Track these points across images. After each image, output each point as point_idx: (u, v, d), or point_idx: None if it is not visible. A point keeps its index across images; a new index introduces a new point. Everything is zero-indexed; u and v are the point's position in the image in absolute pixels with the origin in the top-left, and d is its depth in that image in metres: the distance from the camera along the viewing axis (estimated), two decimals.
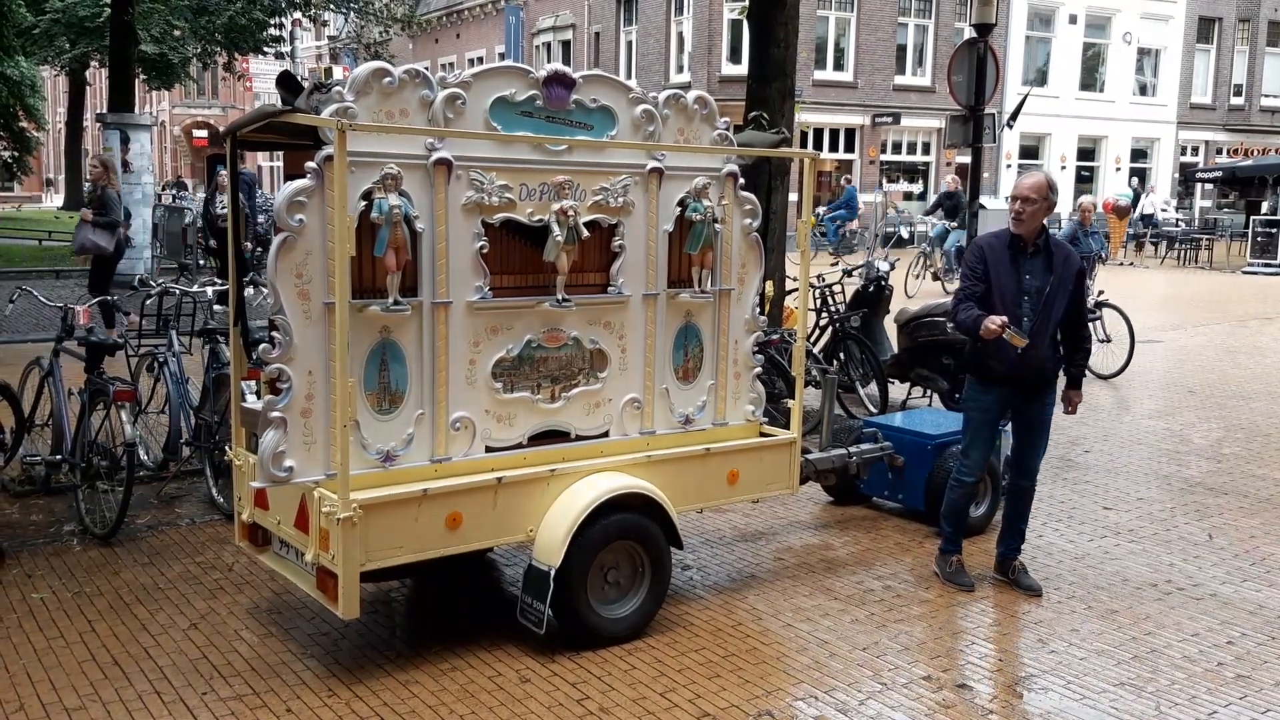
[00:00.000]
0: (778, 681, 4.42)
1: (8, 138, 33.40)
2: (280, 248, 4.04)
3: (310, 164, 4.04)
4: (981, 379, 5.39)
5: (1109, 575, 5.71)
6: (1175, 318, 16.81)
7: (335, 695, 4.20)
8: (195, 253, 18.01)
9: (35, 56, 32.56)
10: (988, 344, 5.19)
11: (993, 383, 5.35)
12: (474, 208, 4.42)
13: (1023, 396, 5.37)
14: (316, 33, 54.86)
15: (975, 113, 10.09)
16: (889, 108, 32.07)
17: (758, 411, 5.53)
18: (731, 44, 29.89)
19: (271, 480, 4.14)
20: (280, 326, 4.09)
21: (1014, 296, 5.20)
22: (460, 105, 4.33)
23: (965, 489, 5.56)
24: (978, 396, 5.43)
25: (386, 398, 4.35)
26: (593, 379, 4.89)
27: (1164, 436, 8.94)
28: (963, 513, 5.63)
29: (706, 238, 5.09)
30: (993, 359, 5.28)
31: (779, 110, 8.80)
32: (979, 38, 10.18)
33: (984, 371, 5.37)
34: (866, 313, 9.63)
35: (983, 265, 5.24)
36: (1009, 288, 5.20)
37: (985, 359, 5.32)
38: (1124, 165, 37.35)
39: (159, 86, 37.72)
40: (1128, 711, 4.23)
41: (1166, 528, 6.53)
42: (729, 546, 6.08)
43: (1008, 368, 5.26)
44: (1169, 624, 5.09)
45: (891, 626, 4.99)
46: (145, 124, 18.55)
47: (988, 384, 5.37)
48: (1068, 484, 7.44)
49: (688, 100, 5.04)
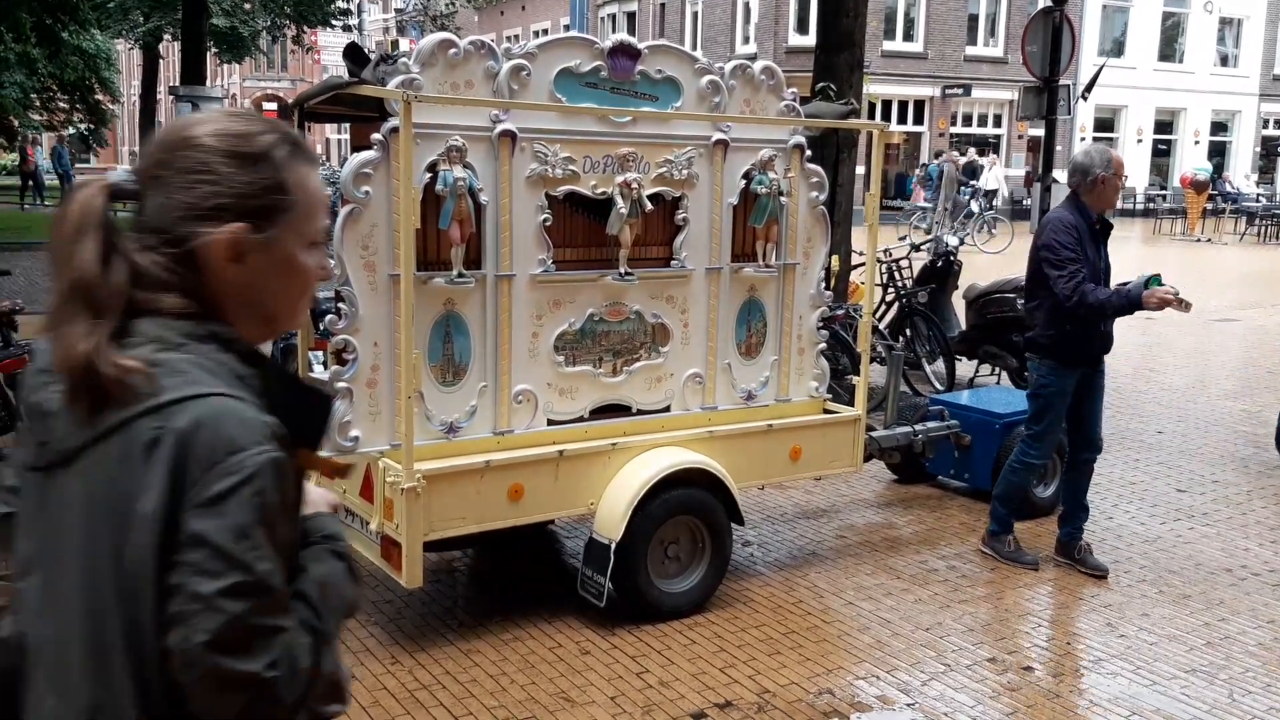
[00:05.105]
0: (839, 660, 4.39)
1: (84, 111, 34.14)
2: (346, 219, 4.06)
3: (376, 136, 4.05)
4: (1064, 362, 5.19)
5: (1181, 559, 5.58)
6: (1253, 295, 16.34)
7: (398, 663, 4.25)
8: None
9: (110, 30, 33.10)
10: (1085, 327, 5.07)
11: (1077, 364, 5.21)
12: (538, 180, 4.41)
13: (1093, 369, 5.27)
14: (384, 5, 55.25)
15: (1050, 84, 9.85)
16: (960, 79, 31.46)
17: (821, 388, 5.47)
18: (799, 14, 29.49)
19: (337, 450, 4.18)
20: (346, 298, 4.12)
21: (1098, 277, 5.10)
22: (525, 77, 4.31)
23: (1034, 472, 5.46)
24: (1058, 380, 5.21)
25: (450, 370, 4.37)
26: (654, 353, 4.86)
27: (1241, 418, 8.71)
28: (1022, 495, 5.55)
29: (771, 211, 5.02)
30: (1088, 341, 5.15)
31: (847, 81, 8.68)
32: (1055, 7, 9.90)
33: (1071, 355, 5.18)
34: (934, 288, 9.48)
35: (1080, 245, 5.07)
36: (1092, 267, 5.07)
37: (1078, 341, 5.15)
38: (1203, 139, 36.33)
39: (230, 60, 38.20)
40: (1199, 699, 4.13)
41: (1243, 511, 6.37)
42: (790, 523, 6.04)
43: (1099, 346, 5.17)
44: (1243, 610, 4.96)
45: (955, 607, 4.92)
46: (216, 96, 18.85)
47: (1071, 366, 5.20)
48: (1139, 465, 7.28)
49: (754, 71, 4.97)
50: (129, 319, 1.35)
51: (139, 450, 1.28)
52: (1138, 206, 33.91)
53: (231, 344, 1.40)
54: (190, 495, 1.27)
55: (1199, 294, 11.30)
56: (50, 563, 1.38)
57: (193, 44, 22.83)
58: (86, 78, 32.40)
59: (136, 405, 1.30)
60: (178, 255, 1.38)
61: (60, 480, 1.36)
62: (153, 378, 1.31)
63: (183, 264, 1.38)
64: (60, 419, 1.36)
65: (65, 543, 1.35)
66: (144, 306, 1.36)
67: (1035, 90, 10.13)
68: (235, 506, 1.27)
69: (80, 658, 1.34)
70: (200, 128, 1.41)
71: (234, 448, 1.28)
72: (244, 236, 1.39)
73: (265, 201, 1.41)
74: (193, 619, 1.25)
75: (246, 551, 1.27)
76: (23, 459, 1.44)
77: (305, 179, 1.46)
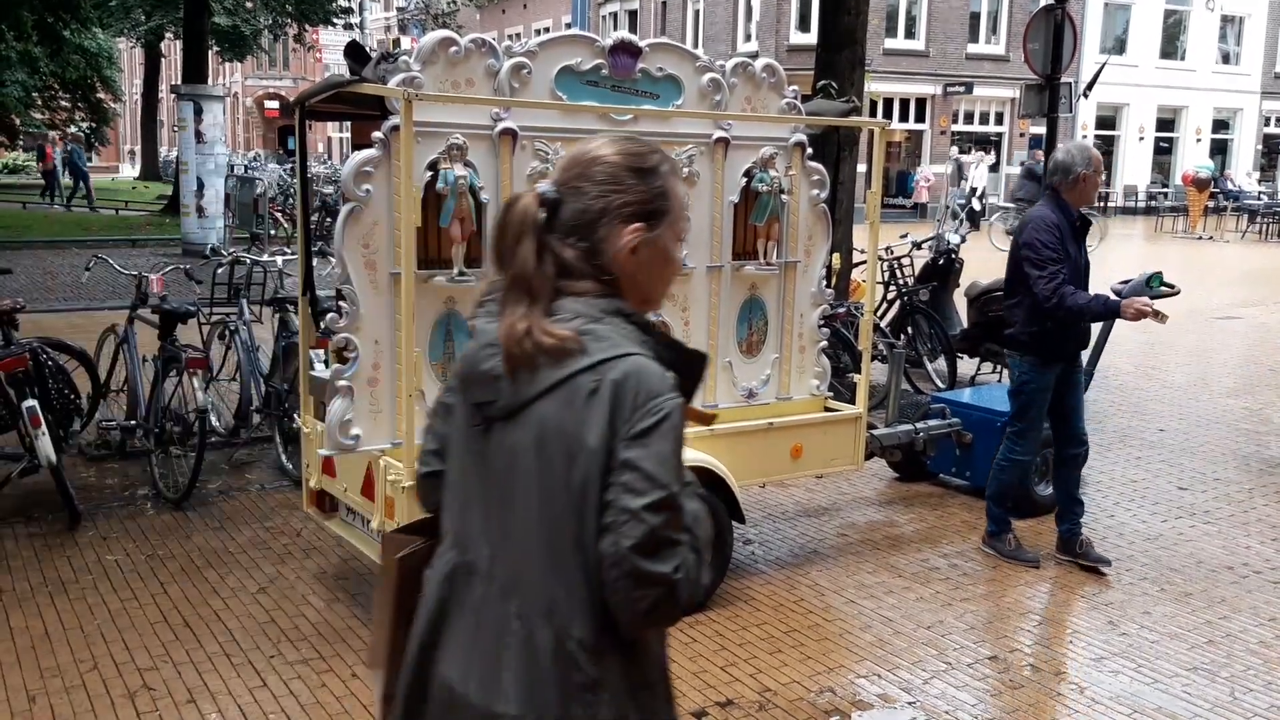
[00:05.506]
0: (840, 658, 4.39)
1: (86, 109, 34.16)
2: (347, 218, 4.06)
3: (377, 134, 4.05)
4: (1045, 359, 5.22)
5: (1183, 557, 5.57)
6: (1256, 293, 16.31)
7: None
8: (266, 222, 18.28)
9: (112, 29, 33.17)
10: (1064, 325, 5.10)
11: (1057, 360, 5.24)
12: (539, 178, 4.40)
13: (1071, 365, 5.32)
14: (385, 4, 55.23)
15: (1051, 82, 9.83)
16: (961, 77, 31.44)
17: (822, 386, 5.46)
18: (800, 12, 29.47)
19: (338, 448, 4.19)
20: (347, 296, 4.12)
21: (1078, 275, 5.12)
22: (525, 75, 4.31)
23: (1023, 468, 5.48)
24: (1039, 377, 5.24)
25: (451, 368, 4.37)
26: None
27: (1243, 416, 8.70)
28: (1021, 493, 5.59)
29: (773, 209, 5.02)
30: (1068, 338, 5.18)
31: (848, 79, 8.67)
32: (1056, 4, 9.89)
33: (1051, 352, 5.21)
34: (936, 286, 9.48)
35: (1062, 244, 5.08)
36: (1074, 265, 5.09)
37: (1058, 340, 5.18)
38: (1205, 136, 36.28)
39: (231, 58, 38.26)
40: (1201, 696, 4.13)
41: (1244, 509, 6.36)
42: (792, 521, 6.04)
43: (1078, 342, 5.20)
44: (1245, 608, 4.96)
45: (957, 605, 4.92)
46: (218, 95, 18.82)
47: (1051, 363, 5.23)
48: (1141, 463, 7.27)
49: (755, 68, 4.96)
50: (555, 299, 1.74)
51: (582, 397, 1.67)
52: (1139, 204, 33.88)
53: (630, 316, 1.77)
54: (622, 430, 1.65)
55: (1200, 292, 11.30)
56: (497, 496, 1.77)
57: (194, 42, 22.84)
58: (88, 76, 32.42)
59: (575, 364, 1.69)
60: (590, 249, 1.77)
61: (502, 432, 1.75)
62: (583, 343, 1.70)
63: (594, 256, 1.77)
64: (504, 383, 1.74)
65: (519, 477, 1.73)
66: (567, 290, 1.75)
67: (1037, 88, 10.11)
68: (658, 439, 1.65)
69: (539, 564, 1.73)
70: (607, 149, 1.80)
71: (654, 393, 1.67)
72: (642, 234, 1.78)
73: (656, 206, 1.80)
74: (622, 527, 1.62)
75: (665, 474, 1.64)
76: (457, 423, 1.86)
77: (678, 188, 1.86)
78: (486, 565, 1.79)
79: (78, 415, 6.46)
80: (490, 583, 1.77)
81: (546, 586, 1.72)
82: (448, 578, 1.84)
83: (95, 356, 6.97)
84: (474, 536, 1.81)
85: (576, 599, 1.70)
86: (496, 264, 1.79)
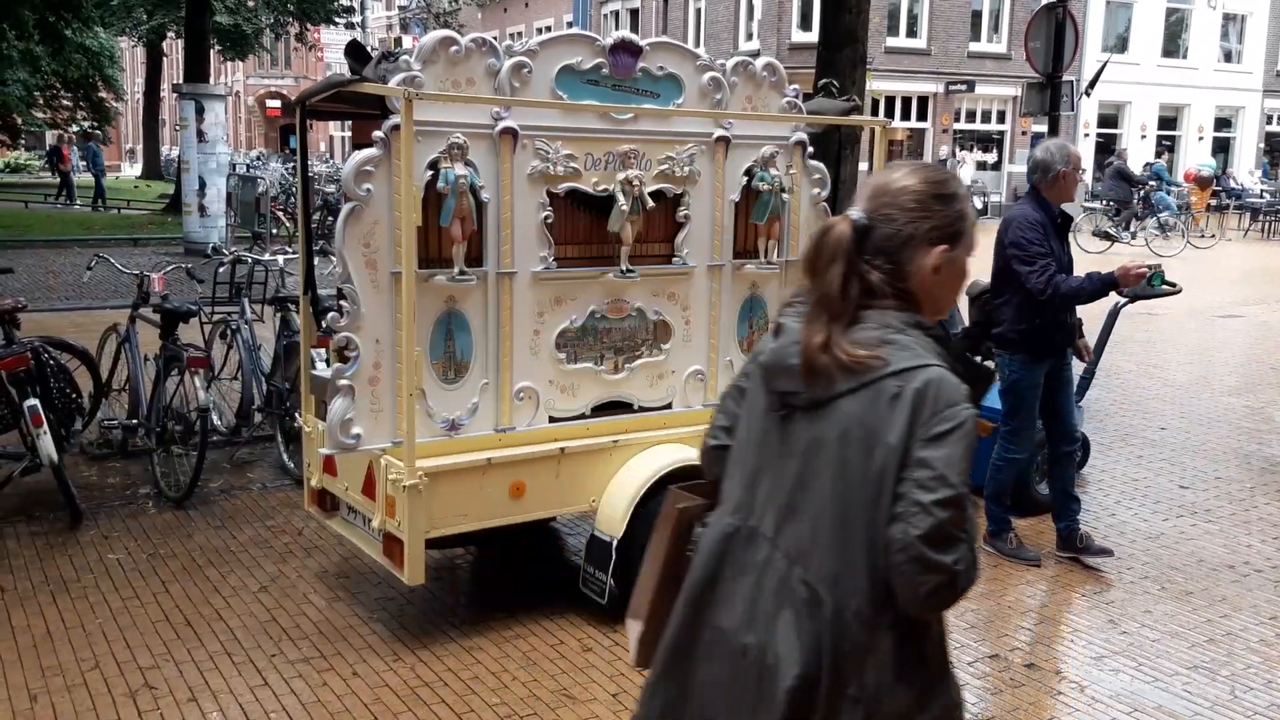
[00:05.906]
0: None
1: (87, 108, 34.16)
2: (348, 217, 4.06)
3: (378, 133, 4.05)
4: (1035, 356, 5.28)
5: (1184, 556, 5.57)
6: (1257, 292, 16.30)
7: (400, 660, 4.26)
8: (268, 221, 18.28)
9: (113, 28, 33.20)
10: (1053, 319, 5.15)
11: (1045, 357, 5.29)
12: (539, 177, 4.41)
13: (1060, 361, 5.36)
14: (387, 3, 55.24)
15: (1053, 80, 9.83)
16: (963, 75, 31.39)
17: None
18: (802, 10, 29.44)
19: (339, 447, 4.19)
20: (348, 295, 4.13)
21: (1062, 268, 5.17)
22: (526, 74, 4.31)
23: (1018, 466, 5.50)
24: (1029, 374, 5.31)
25: (452, 367, 4.37)
26: (656, 351, 4.86)
27: (1244, 414, 8.69)
28: (1020, 492, 5.62)
29: (774, 208, 5.02)
30: (1057, 332, 5.25)
31: (850, 78, 8.65)
32: (1058, 3, 9.89)
33: (1041, 348, 5.27)
34: None
35: (1046, 240, 5.14)
36: (1058, 260, 5.16)
37: (1048, 334, 5.24)
38: (1207, 135, 36.24)
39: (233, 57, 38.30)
40: (1201, 695, 4.13)
41: (1246, 508, 6.36)
42: None
43: (1065, 335, 5.29)
44: (1246, 607, 4.96)
45: (958, 605, 4.91)
46: (220, 94, 18.83)
47: (1040, 360, 5.29)
48: (1142, 462, 7.27)
49: (756, 67, 4.96)
50: (860, 312, 1.92)
51: (885, 400, 1.85)
52: None
53: (928, 330, 1.95)
54: (919, 432, 1.83)
55: (1202, 290, 11.28)
56: (794, 475, 1.96)
57: (196, 41, 22.86)
58: (90, 75, 32.41)
59: (879, 371, 1.86)
60: (896, 270, 1.95)
61: (805, 421, 1.95)
62: (884, 354, 1.87)
63: (899, 276, 1.95)
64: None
65: (820, 463, 1.92)
66: (871, 306, 1.93)
67: (1039, 86, 10.11)
68: (951, 443, 1.82)
69: (826, 539, 1.91)
70: (912, 179, 1.98)
71: (952, 402, 1.84)
72: (946, 255, 1.97)
73: (957, 228, 1.98)
74: (912, 518, 1.80)
75: (955, 475, 1.81)
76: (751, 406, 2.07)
77: (971, 209, 2.04)
78: (771, 533, 1.97)
79: (79, 414, 6.46)
80: (774, 548, 1.96)
81: (832, 560, 1.90)
82: (726, 536, 2.04)
83: (97, 355, 6.97)
84: (759, 506, 2.01)
85: (858, 574, 1.88)
86: (808, 277, 1.98)
